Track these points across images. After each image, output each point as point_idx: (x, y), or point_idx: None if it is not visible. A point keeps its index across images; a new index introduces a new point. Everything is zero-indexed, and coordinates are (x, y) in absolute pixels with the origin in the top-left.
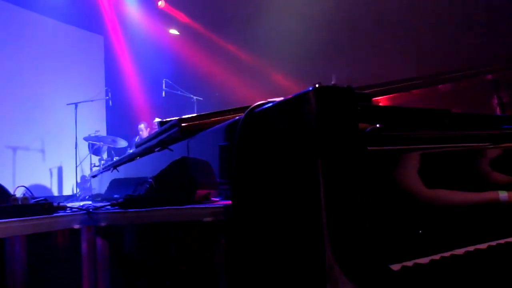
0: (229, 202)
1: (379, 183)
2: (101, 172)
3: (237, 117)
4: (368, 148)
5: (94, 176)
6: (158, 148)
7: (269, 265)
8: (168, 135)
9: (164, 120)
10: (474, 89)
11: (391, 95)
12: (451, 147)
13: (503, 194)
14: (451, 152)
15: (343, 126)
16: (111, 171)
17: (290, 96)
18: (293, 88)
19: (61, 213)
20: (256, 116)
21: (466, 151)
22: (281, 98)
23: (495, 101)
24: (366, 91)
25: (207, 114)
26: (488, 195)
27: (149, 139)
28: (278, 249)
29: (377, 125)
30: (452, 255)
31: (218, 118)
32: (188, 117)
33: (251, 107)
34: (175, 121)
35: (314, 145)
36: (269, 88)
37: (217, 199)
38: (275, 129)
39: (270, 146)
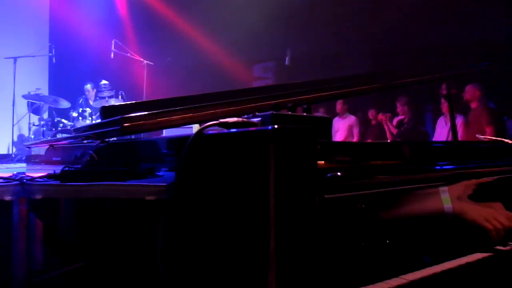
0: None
1: (332, 226)
2: (37, 146)
3: (184, 134)
4: (326, 196)
5: (28, 147)
6: (98, 142)
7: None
8: (108, 131)
9: (107, 106)
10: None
11: None
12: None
13: (447, 205)
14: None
15: (300, 173)
16: (47, 149)
17: (245, 130)
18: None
19: None
20: (207, 139)
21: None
22: (234, 119)
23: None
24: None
25: (154, 113)
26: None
27: (89, 128)
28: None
29: (338, 173)
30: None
31: (164, 118)
32: (132, 116)
33: (201, 128)
34: (118, 119)
35: (267, 190)
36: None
37: (162, 173)
38: (228, 161)
39: (220, 175)
